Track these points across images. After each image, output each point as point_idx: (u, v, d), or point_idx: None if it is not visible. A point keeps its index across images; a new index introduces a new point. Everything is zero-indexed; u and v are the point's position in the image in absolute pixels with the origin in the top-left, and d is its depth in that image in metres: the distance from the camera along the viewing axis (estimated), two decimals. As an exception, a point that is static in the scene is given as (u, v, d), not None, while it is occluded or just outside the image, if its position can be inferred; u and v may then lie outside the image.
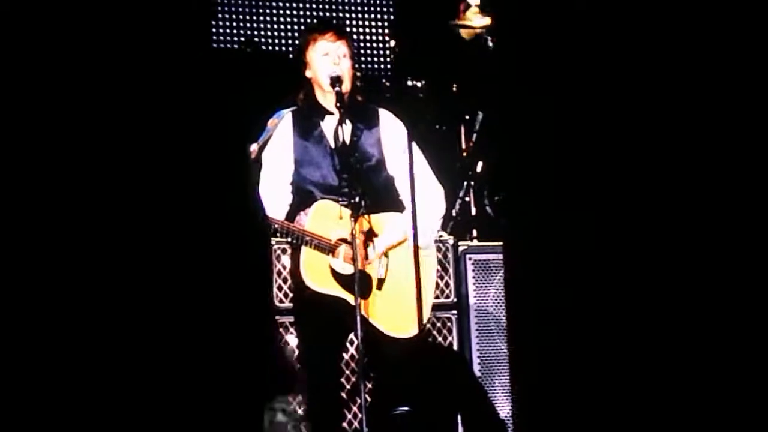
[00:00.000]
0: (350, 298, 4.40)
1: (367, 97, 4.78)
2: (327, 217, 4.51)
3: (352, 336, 4.75)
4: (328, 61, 4.59)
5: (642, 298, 4.72)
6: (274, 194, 4.63)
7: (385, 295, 4.56)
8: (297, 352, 5.23)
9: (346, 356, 5.12)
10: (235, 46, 6.50)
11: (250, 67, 6.39)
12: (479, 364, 5.78)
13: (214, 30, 6.33)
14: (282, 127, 4.68)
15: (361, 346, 4.24)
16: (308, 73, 4.67)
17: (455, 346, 5.77)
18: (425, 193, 4.68)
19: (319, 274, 4.47)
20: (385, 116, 4.75)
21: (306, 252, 4.48)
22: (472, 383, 5.70)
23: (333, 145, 4.58)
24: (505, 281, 5.55)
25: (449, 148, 6.57)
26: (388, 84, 6.67)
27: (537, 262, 5.11)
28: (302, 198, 4.60)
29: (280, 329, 5.62)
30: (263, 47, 6.54)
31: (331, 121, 4.61)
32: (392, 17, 6.99)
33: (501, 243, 5.48)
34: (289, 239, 4.53)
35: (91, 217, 3.30)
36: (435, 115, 6.57)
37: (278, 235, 4.53)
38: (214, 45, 6.32)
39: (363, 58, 6.80)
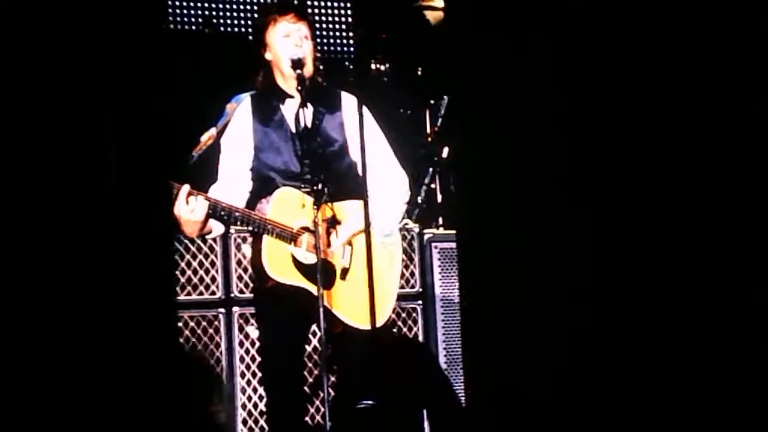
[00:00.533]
0: (313, 289, 4.34)
1: (329, 81, 4.72)
2: (289, 205, 4.44)
3: (315, 328, 4.59)
4: (289, 43, 4.52)
5: (595, 285, 4.84)
6: (234, 181, 4.56)
7: (349, 285, 4.51)
8: (258, 344, 5.19)
9: (308, 348, 5.08)
10: (193, 27, 6.40)
11: (208, 50, 6.30)
12: (445, 355, 5.76)
13: (170, 11, 6.22)
14: (241, 111, 4.61)
15: (323, 337, 4.18)
16: (268, 56, 4.60)
17: (420, 338, 5.75)
18: (388, 179, 4.66)
19: (280, 263, 4.40)
20: (348, 100, 4.68)
21: (267, 241, 4.40)
22: (437, 375, 5.67)
23: (294, 130, 4.51)
24: (458, 270, 5.56)
25: (414, 134, 6.54)
26: (351, 67, 6.65)
27: (493, 251, 5.16)
28: (263, 185, 4.53)
29: (240, 321, 5.59)
30: (222, 28, 6.45)
31: (291, 104, 4.54)
32: (356, -1, 6.90)
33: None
34: (250, 228, 4.45)
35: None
36: (399, 99, 6.53)
37: (238, 223, 4.44)
38: (171, 26, 6.21)
39: (325, 41, 6.73)
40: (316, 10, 6.80)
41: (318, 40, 4.69)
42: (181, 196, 4.26)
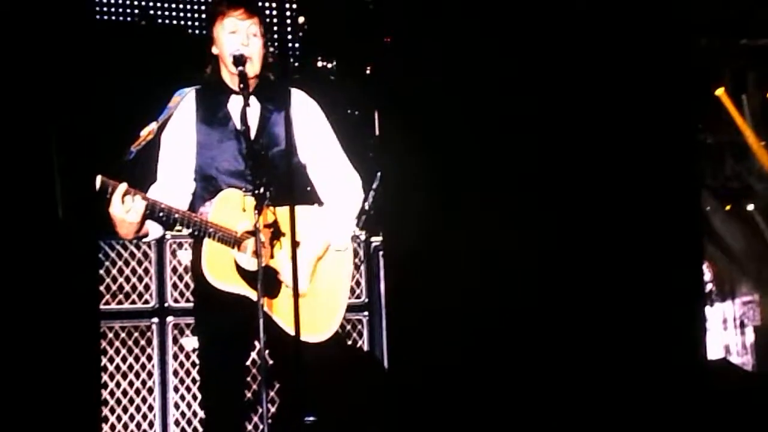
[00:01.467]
0: (256, 297, 4.23)
1: (278, 77, 4.63)
2: (233, 208, 4.36)
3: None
4: (235, 40, 4.45)
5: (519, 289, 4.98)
6: (174, 180, 4.47)
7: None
8: (193, 356, 5.08)
9: (248, 361, 4.91)
10: (128, 18, 6.28)
11: (145, 42, 6.19)
12: (391, 368, 5.70)
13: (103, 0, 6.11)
14: (184, 106, 4.52)
15: (263, 349, 4.07)
16: (214, 50, 4.53)
17: (365, 350, 5.69)
18: (341, 184, 4.60)
19: (222, 269, 4.32)
20: (298, 97, 4.62)
21: (209, 245, 4.32)
22: (383, 390, 5.61)
23: (239, 128, 4.42)
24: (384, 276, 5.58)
25: (362, 135, 6.46)
26: (296, 64, 6.56)
27: (419, 255, 5.23)
28: (205, 185, 4.45)
29: (175, 332, 5.48)
30: (160, 20, 6.34)
31: (237, 101, 4.45)
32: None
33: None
34: (190, 230, 4.35)
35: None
36: (347, 99, 6.46)
37: (178, 226, 4.34)
38: (102, 17, 6.10)
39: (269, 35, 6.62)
40: (260, 3, 6.70)
41: (269, 35, 4.57)
42: (117, 194, 4.15)
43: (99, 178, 4.12)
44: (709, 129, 9.26)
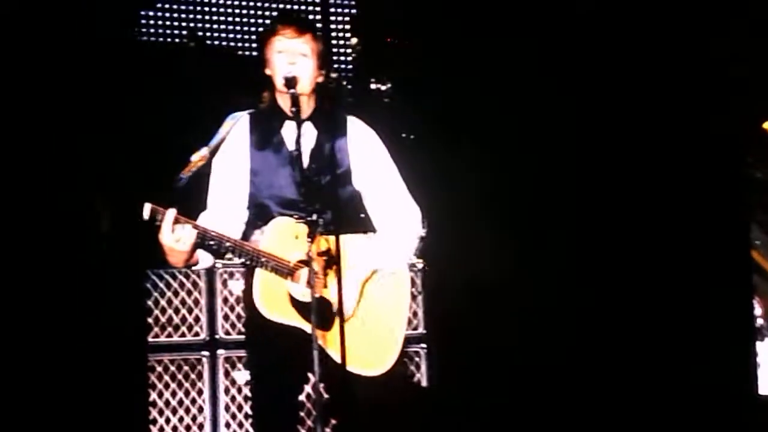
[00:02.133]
0: (310, 329, 4.17)
1: (336, 103, 4.67)
2: (286, 236, 4.34)
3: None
4: (283, 60, 4.42)
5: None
6: (226, 208, 4.46)
7: (351, 326, 4.39)
8: (245, 390, 5.12)
9: (302, 396, 5.00)
10: (176, 39, 6.27)
11: (195, 64, 6.17)
12: (451, 402, 5.64)
13: (152, 21, 6.10)
14: (237, 131, 4.51)
15: (319, 384, 4.05)
16: (267, 71, 4.51)
17: (425, 384, 5.60)
18: (398, 213, 4.57)
19: (275, 300, 4.30)
20: (355, 125, 4.62)
21: (261, 275, 4.30)
22: (443, 426, 5.55)
23: (293, 154, 4.40)
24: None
25: (418, 160, 6.40)
26: (349, 87, 6.52)
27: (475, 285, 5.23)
28: (258, 213, 4.43)
29: (226, 365, 5.43)
30: (209, 41, 6.33)
31: (292, 126, 4.42)
32: (354, 11, 6.78)
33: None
34: (242, 260, 4.33)
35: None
36: (402, 122, 6.41)
37: (229, 255, 4.33)
38: (149, 38, 6.09)
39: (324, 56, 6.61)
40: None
41: (326, 56, 4.54)
42: (167, 222, 4.15)
43: (148, 206, 4.12)
44: (758, 163, 9.20)
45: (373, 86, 6.40)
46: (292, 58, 4.41)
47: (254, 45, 6.33)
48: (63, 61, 3.75)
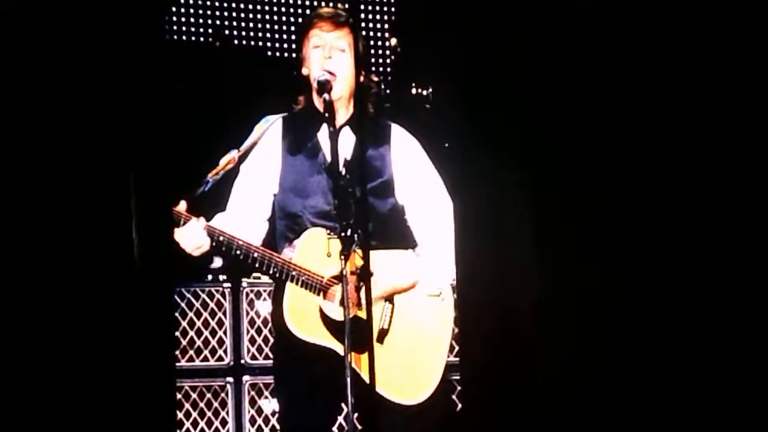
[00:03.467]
0: (342, 350, 4.13)
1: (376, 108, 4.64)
2: (319, 250, 4.30)
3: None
4: (319, 56, 4.40)
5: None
6: (246, 212, 4.45)
7: (388, 349, 4.37)
8: (274, 420, 5.15)
9: (334, 428, 4.92)
10: (201, 39, 6.28)
11: (224, 65, 6.16)
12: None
13: (183, 19, 6.13)
14: (270, 135, 4.49)
15: (351, 413, 3.95)
16: (304, 71, 4.48)
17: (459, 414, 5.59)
18: (444, 228, 4.50)
19: (306, 318, 4.26)
20: (398, 132, 4.59)
21: (291, 292, 4.26)
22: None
23: (329, 161, 4.35)
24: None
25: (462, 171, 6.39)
26: (387, 91, 6.52)
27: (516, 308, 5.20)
28: (289, 224, 4.40)
29: (252, 392, 5.45)
30: (236, 41, 6.33)
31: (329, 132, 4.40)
32: (394, 10, 6.80)
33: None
34: (271, 273, 4.29)
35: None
36: (445, 129, 6.38)
37: (256, 266, 4.29)
38: (179, 37, 6.10)
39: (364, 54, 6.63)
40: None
41: (365, 53, 4.52)
42: (188, 229, 4.18)
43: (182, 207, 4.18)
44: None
45: (413, 91, 6.38)
46: (328, 53, 4.38)
47: (287, 46, 6.33)
48: (83, 63, 3.75)
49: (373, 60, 6.51)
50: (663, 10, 5.43)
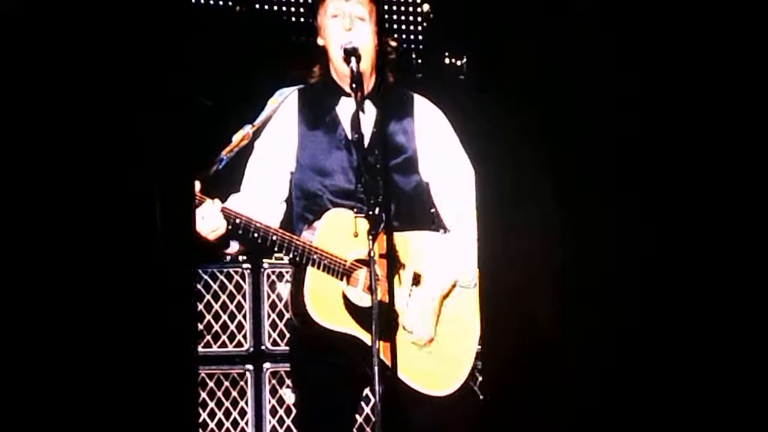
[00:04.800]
0: (367, 339, 4.15)
1: (399, 79, 4.57)
2: (342, 232, 4.29)
3: (369, 391, 4.55)
4: (337, 25, 4.37)
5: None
6: (262, 193, 4.44)
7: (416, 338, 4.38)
8: (295, 411, 5.10)
9: (359, 418, 5.03)
10: (220, 2, 6.26)
11: (240, 32, 6.16)
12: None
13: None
14: (285, 108, 4.49)
15: (378, 404, 3.93)
16: (320, 41, 4.47)
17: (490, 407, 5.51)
18: (470, 209, 4.49)
19: (328, 305, 4.26)
20: (422, 104, 4.56)
21: (312, 276, 4.25)
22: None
23: (350, 137, 4.35)
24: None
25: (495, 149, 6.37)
26: (419, 61, 6.47)
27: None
28: (308, 204, 4.40)
29: (273, 381, 5.49)
30: (258, 5, 6.30)
31: (349, 104, 4.38)
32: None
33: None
34: (291, 256, 4.28)
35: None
36: (481, 105, 6.36)
37: (275, 249, 4.28)
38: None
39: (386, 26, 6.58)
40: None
41: (386, 22, 4.48)
42: (204, 210, 4.17)
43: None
44: None
45: (446, 61, 6.33)
46: (348, 23, 4.35)
47: (302, 10, 6.31)
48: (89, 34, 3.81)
49: (403, 27, 6.50)
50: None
